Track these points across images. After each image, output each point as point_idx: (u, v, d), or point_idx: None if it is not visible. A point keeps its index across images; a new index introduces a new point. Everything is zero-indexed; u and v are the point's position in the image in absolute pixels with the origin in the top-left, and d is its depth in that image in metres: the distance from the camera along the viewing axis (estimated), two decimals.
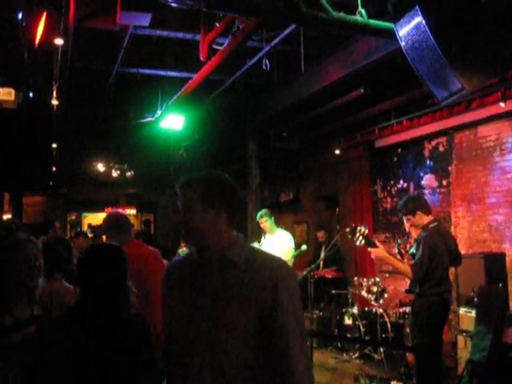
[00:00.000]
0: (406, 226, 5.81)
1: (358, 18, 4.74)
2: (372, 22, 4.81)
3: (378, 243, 5.41)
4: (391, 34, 4.35)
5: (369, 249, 5.42)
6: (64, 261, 4.10)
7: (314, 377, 2.25)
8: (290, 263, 7.69)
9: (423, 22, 3.76)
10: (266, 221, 7.86)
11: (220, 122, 11.59)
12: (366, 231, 5.41)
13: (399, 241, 6.45)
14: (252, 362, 2.10)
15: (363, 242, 5.39)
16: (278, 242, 7.88)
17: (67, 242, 4.54)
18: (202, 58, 6.78)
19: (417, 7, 3.75)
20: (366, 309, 8.40)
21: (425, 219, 5.42)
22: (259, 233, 8.51)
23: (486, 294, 5.39)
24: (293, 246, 7.77)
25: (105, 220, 4.57)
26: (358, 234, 5.39)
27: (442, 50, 3.67)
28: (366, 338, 8.03)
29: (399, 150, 10.02)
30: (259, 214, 7.97)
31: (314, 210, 12.86)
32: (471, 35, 3.77)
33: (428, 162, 9.25)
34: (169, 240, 12.43)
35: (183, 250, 9.71)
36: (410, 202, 5.54)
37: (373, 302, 8.13)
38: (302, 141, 11.88)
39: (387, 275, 8.23)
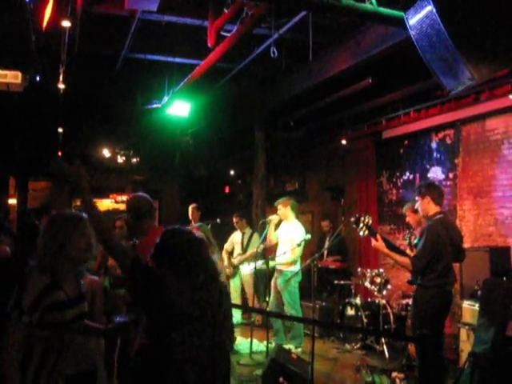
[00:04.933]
0: (409, 218, 5.83)
1: (367, 5, 4.71)
2: (382, 9, 4.77)
3: (378, 236, 5.38)
4: (401, 23, 4.31)
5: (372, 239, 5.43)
6: None
7: (315, 366, 2.29)
8: (294, 253, 7.72)
9: (434, 10, 3.72)
10: (279, 209, 8.00)
11: (227, 110, 11.55)
12: (370, 221, 5.40)
13: (411, 230, 6.44)
14: None
15: (366, 232, 5.38)
16: (288, 232, 7.93)
17: None
18: (209, 45, 6.75)
19: None
20: (369, 300, 8.40)
21: (431, 208, 5.39)
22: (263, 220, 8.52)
23: (490, 287, 5.36)
24: (300, 239, 7.76)
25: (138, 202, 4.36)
26: (361, 225, 5.38)
27: (452, 39, 3.64)
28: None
29: (406, 142, 9.97)
30: (277, 201, 8.07)
31: (319, 200, 12.82)
32: (482, 25, 3.73)
33: (435, 154, 9.21)
34: None
35: None
36: (425, 186, 5.56)
37: (376, 293, 8.12)
38: (309, 131, 11.84)
39: (392, 266, 8.23)
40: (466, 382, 4.73)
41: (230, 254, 9.78)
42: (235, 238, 9.84)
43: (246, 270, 9.39)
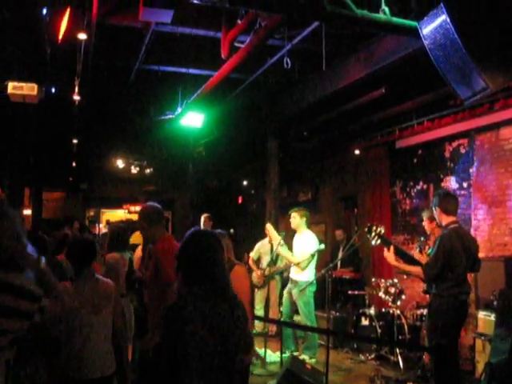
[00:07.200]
0: (425, 224, 5.78)
1: (381, 15, 4.71)
2: (395, 19, 4.78)
3: (391, 247, 5.33)
4: (414, 33, 4.32)
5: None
6: None
7: (329, 377, 2.26)
8: (305, 264, 7.71)
9: (448, 20, 3.72)
10: (293, 217, 8.01)
11: (240, 121, 11.59)
12: (382, 230, 5.38)
13: (422, 238, 6.40)
14: None
15: (379, 241, 5.36)
16: (299, 243, 7.92)
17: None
18: (223, 56, 6.78)
19: (442, 5, 3.73)
20: (383, 310, 8.35)
21: (443, 218, 5.35)
22: (277, 231, 8.48)
23: (506, 297, 5.32)
24: (311, 251, 7.74)
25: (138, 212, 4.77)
26: (373, 234, 5.36)
27: (466, 48, 3.64)
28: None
29: (419, 151, 9.94)
30: (292, 209, 8.15)
31: (332, 210, 12.81)
32: (496, 34, 3.73)
33: (448, 163, 9.16)
34: None
35: None
36: (436, 196, 5.52)
37: (390, 304, 8.07)
38: (322, 140, 11.84)
39: (405, 277, 8.17)
40: None
41: (256, 262, 9.54)
42: (263, 248, 9.49)
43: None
